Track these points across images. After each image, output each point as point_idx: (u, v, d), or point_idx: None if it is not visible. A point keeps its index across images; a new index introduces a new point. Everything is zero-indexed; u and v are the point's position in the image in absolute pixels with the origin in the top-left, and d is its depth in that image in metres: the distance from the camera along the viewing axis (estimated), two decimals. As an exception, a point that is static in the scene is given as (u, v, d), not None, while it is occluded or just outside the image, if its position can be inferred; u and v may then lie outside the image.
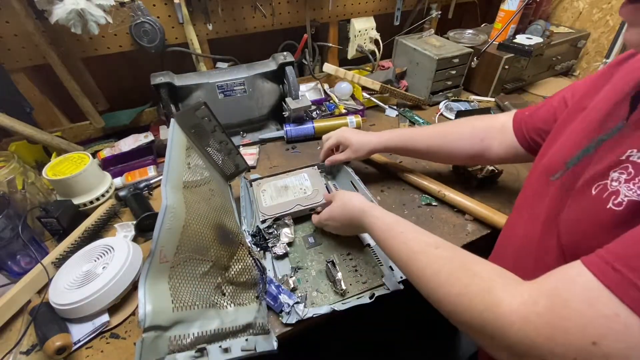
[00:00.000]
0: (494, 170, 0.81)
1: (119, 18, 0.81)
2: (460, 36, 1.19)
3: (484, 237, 0.70)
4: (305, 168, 0.81)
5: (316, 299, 0.58)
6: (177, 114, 0.57)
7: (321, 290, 0.60)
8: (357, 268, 0.63)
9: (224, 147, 0.69)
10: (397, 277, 0.59)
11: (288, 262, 0.64)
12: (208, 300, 0.49)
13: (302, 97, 0.98)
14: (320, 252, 0.66)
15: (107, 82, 0.97)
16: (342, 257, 0.65)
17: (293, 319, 0.54)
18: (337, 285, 0.58)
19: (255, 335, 0.50)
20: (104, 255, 0.60)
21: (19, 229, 0.61)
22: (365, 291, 0.59)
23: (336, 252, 0.66)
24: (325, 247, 0.67)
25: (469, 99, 1.15)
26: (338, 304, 0.56)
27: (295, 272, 0.62)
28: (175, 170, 0.52)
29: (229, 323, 0.49)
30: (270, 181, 0.77)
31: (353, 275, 0.62)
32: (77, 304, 0.53)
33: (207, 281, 0.51)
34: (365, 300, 0.56)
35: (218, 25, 0.95)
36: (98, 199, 0.75)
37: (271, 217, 0.68)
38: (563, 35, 1.16)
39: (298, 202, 0.71)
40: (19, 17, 0.72)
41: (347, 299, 0.58)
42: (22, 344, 0.53)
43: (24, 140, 0.81)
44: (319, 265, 0.64)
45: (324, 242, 0.68)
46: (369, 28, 1.15)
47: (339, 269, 0.60)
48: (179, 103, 0.90)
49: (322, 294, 0.59)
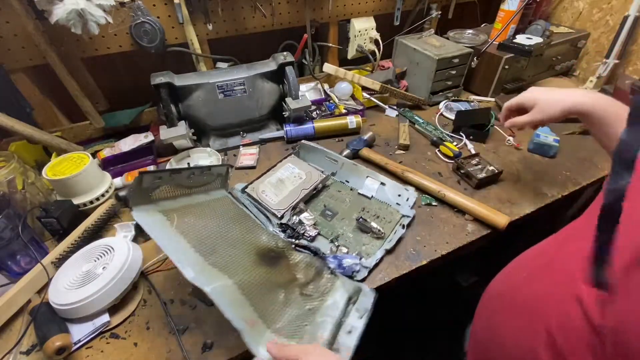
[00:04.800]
0: (494, 170, 0.81)
1: (119, 18, 0.81)
2: (460, 36, 1.19)
3: (484, 237, 0.71)
4: (284, 160, 0.85)
5: (368, 250, 0.67)
6: (131, 204, 0.53)
7: (365, 242, 0.69)
8: (377, 214, 0.74)
9: (197, 176, 0.64)
10: (409, 204, 0.74)
11: (324, 239, 0.70)
12: (307, 312, 0.54)
13: (302, 97, 0.98)
14: (343, 218, 0.74)
15: (107, 82, 0.97)
16: (362, 213, 0.75)
17: (363, 273, 0.62)
18: (374, 231, 0.69)
19: (356, 302, 0.57)
20: (104, 255, 0.60)
21: (19, 229, 0.61)
22: (395, 226, 0.71)
23: (354, 212, 0.75)
24: (343, 212, 0.75)
25: (469, 99, 1.15)
26: (386, 243, 0.67)
27: (337, 241, 0.69)
28: (177, 248, 0.51)
29: (336, 311, 0.54)
30: (262, 181, 0.79)
31: (378, 220, 0.73)
32: (77, 304, 0.53)
33: (293, 300, 0.55)
34: (400, 231, 0.69)
35: (218, 25, 0.95)
36: (98, 199, 0.75)
37: (287, 209, 0.72)
38: (563, 35, 1.16)
39: (302, 187, 0.77)
40: (19, 17, 0.72)
41: (388, 237, 0.69)
42: (22, 344, 0.53)
43: (24, 140, 0.81)
44: (349, 227, 0.72)
45: (339, 209, 0.76)
46: (369, 28, 1.15)
47: (368, 219, 0.70)
48: (179, 103, 0.90)
49: (368, 245, 0.68)
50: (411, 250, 0.67)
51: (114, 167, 0.88)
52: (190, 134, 0.89)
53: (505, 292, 0.49)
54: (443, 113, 1.08)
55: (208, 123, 0.93)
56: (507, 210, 0.75)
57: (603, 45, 1.17)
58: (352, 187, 0.81)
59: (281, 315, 0.52)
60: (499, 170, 0.81)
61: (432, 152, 0.93)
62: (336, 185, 0.83)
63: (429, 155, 0.92)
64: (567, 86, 1.21)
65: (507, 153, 0.92)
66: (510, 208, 0.76)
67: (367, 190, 0.79)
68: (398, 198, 0.76)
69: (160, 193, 0.57)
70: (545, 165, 0.88)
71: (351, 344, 0.50)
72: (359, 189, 0.80)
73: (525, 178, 0.83)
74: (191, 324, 0.56)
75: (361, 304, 0.56)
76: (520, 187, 0.81)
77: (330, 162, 0.84)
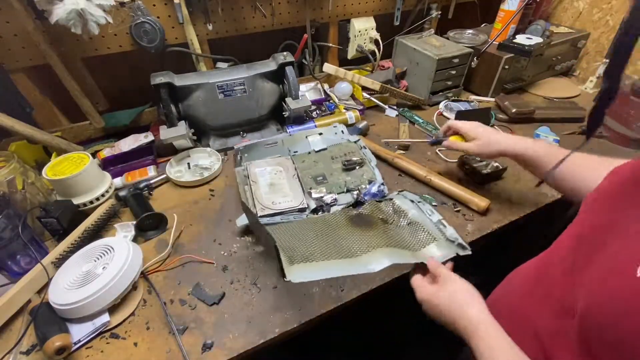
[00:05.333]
0: (498, 166, 0.81)
1: (119, 18, 0.81)
2: (460, 36, 1.19)
3: (484, 237, 0.71)
4: (252, 168, 0.82)
5: (368, 176, 0.82)
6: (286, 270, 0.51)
7: (360, 174, 0.82)
8: (345, 152, 0.88)
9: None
10: (348, 130, 0.92)
11: (343, 195, 0.79)
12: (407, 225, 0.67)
13: (302, 97, 0.98)
14: (331, 174, 0.83)
15: (107, 82, 0.97)
16: (335, 160, 0.86)
17: (385, 189, 0.77)
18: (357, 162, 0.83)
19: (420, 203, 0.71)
20: (104, 255, 0.60)
21: (19, 229, 0.61)
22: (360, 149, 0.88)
23: (331, 164, 0.86)
24: (327, 170, 0.84)
25: (469, 99, 1.15)
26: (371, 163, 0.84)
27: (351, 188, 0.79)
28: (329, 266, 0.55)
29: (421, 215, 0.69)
30: (260, 197, 0.75)
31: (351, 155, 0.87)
32: (77, 304, 0.53)
33: (393, 231, 0.65)
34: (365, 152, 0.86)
35: (218, 25, 0.95)
36: (98, 199, 0.75)
37: (305, 198, 0.76)
38: (563, 35, 1.16)
39: (292, 176, 0.81)
40: (19, 17, 0.72)
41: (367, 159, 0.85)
42: (22, 344, 0.54)
43: (24, 140, 0.81)
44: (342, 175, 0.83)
45: (322, 172, 0.84)
46: (369, 28, 1.15)
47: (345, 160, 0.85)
48: (179, 103, 0.90)
49: (365, 173, 0.83)
50: (411, 250, 0.68)
51: (114, 167, 0.88)
52: (190, 134, 0.89)
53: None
54: (443, 113, 1.08)
55: (208, 123, 0.93)
56: (507, 210, 0.75)
57: (603, 45, 1.17)
58: (307, 150, 0.90)
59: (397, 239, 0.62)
60: (503, 167, 0.81)
61: (432, 152, 0.93)
62: (297, 158, 0.88)
63: (428, 155, 0.92)
64: (567, 86, 1.21)
65: (507, 153, 0.92)
66: (510, 208, 0.76)
67: (318, 144, 0.89)
68: (341, 134, 0.91)
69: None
70: (545, 165, 0.88)
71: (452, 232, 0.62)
72: (313, 148, 0.89)
73: (525, 178, 0.83)
74: (191, 324, 0.56)
75: (424, 206, 0.70)
76: (521, 187, 0.81)
77: (274, 147, 0.89)
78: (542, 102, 1.14)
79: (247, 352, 0.53)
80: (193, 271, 0.65)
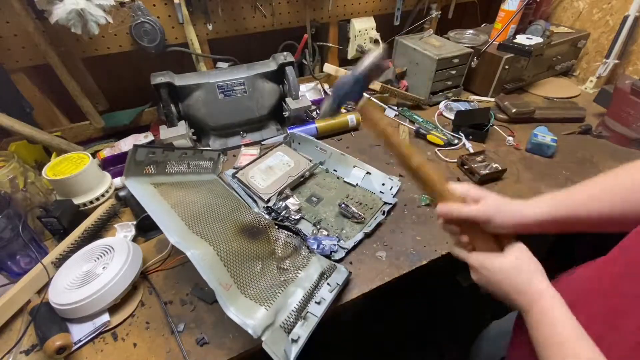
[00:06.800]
0: (497, 167, 0.81)
1: (119, 18, 0.81)
2: (460, 36, 1.19)
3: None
4: (275, 148, 0.88)
5: (348, 233, 0.71)
6: (125, 174, 0.59)
7: (346, 227, 0.72)
8: (361, 201, 0.78)
9: (188, 156, 0.74)
10: (392, 193, 0.78)
11: (307, 222, 0.73)
12: (281, 283, 0.57)
13: (302, 97, 0.98)
14: (327, 204, 0.78)
15: (107, 82, 0.97)
16: (344, 199, 0.78)
17: (341, 253, 0.65)
18: (355, 216, 0.72)
19: (329, 277, 0.59)
20: (104, 255, 0.60)
21: (19, 229, 0.61)
22: (375, 213, 0.75)
23: (339, 198, 0.78)
24: (328, 199, 0.79)
25: (469, 99, 1.15)
26: (365, 227, 0.70)
27: (319, 225, 0.72)
28: (165, 217, 0.56)
29: (308, 283, 0.58)
30: (252, 168, 0.82)
31: (361, 207, 0.76)
32: (77, 304, 0.53)
33: (269, 272, 0.59)
34: (380, 217, 0.72)
35: (218, 25, 0.95)
36: (98, 199, 0.75)
37: (273, 194, 0.76)
38: (563, 35, 1.16)
39: (289, 174, 0.80)
40: (19, 17, 0.72)
41: (368, 223, 0.72)
42: (22, 343, 0.54)
43: (24, 140, 0.81)
44: (332, 212, 0.76)
45: (324, 196, 0.80)
46: (369, 28, 1.15)
47: (350, 205, 0.74)
48: (179, 103, 0.90)
49: (349, 229, 0.72)
50: (411, 250, 0.67)
51: (114, 167, 0.88)
52: (190, 133, 0.89)
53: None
54: (443, 113, 1.08)
55: (208, 123, 0.93)
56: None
57: (603, 45, 1.17)
58: (339, 175, 0.86)
59: (256, 283, 0.55)
60: (502, 168, 0.81)
61: (432, 152, 0.93)
62: (324, 174, 0.87)
63: (429, 155, 0.92)
64: (567, 86, 1.21)
65: (507, 153, 0.92)
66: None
67: (353, 178, 0.83)
68: (382, 187, 0.80)
69: (154, 168, 0.65)
70: (544, 166, 0.88)
71: (318, 313, 0.53)
72: (345, 178, 0.84)
73: (525, 178, 0.83)
74: (191, 324, 0.56)
75: (333, 280, 0.58)
76: (520, 187, 0.81)
77: (320, 152, 0.88)
78: (542, 102, 1.14)
79: (247, 352, 0.53)
80: (193, 271, 0.64)
